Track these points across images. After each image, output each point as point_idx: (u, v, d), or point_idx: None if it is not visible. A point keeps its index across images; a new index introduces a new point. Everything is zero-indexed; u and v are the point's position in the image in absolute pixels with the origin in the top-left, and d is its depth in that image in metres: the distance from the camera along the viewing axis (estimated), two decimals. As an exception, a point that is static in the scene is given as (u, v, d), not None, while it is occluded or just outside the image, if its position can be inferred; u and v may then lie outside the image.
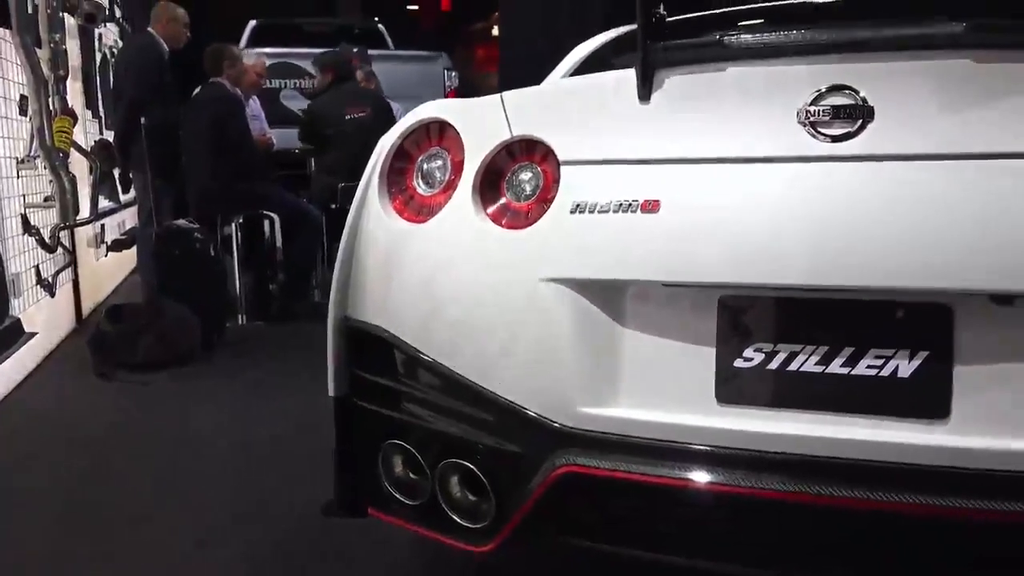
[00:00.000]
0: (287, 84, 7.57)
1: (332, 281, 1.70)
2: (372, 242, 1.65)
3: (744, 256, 1.31)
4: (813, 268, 1.28)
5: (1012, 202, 1.22)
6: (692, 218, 1.35)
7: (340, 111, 5.35)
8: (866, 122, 1.30)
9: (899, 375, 1.28)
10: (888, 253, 1.25)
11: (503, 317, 1.47)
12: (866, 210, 1.27)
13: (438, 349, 1.53)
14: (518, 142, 1.53)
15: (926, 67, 1.33)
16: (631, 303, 1.41)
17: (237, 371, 4.00)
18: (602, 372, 1.41)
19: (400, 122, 1.71)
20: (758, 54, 1.42)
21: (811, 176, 1.31)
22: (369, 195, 1.67)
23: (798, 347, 1.32)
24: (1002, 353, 1.25)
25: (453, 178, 1.58)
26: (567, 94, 1.68)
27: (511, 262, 1.47)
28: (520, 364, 1.45)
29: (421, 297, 1.56)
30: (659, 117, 1.44)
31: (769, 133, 1.35)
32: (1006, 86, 1.29)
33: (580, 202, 1.43)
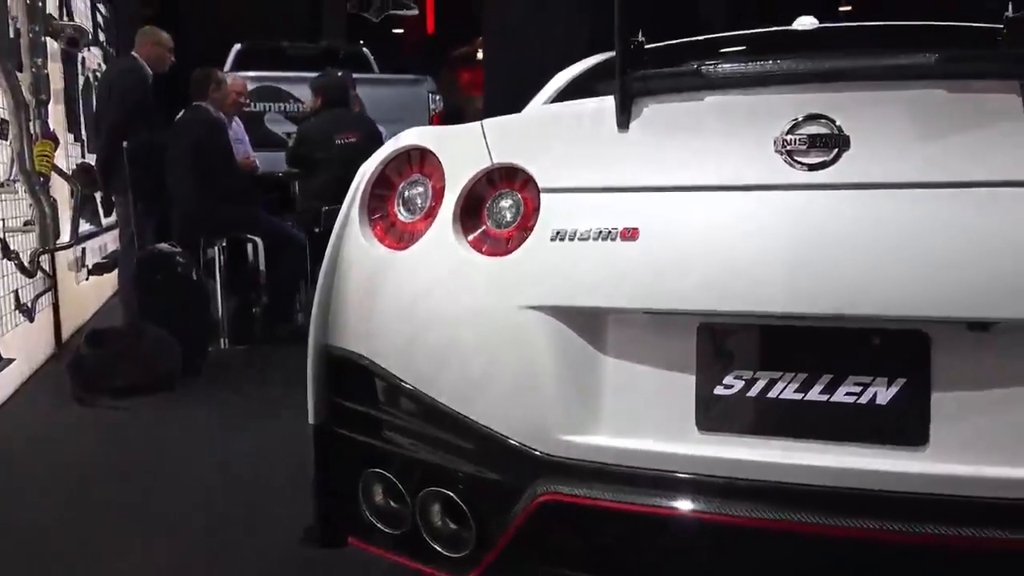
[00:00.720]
0: (271, 107, 7.57)
1: (312, 307, 1.70)
2: (353, 268, 1.64)
3: (723, 284, 1.32)
4: (791, 296, 1.28)
5: (986, 230, 1.24)
6: (671, 246, 1.36)
7: (331, 135, 5.36)
8: (842, 151, 1.31)
9: (877, 402, 1.28)
10: (865, 281, 1.26)
11: (484, 344, 1.46)
12: (843, 238, 1.28)
13: (419, 377, 1.52)
14: (498, 169, 1.54)
15: (900, 97, 1.35)
16: (611, 331, 1.41)
17: (218, 396, 3.97)
18: (583, 400, 1.41)
19: (381, 149, 1.72)
20: (735, 83, 1.43)
21: (788, 204, 1.32)
22: (350, 221, 1.66)
23: (777, 374, 1.33)
24: (979, 380, 1.26)
25: (434, 205, 1.58)
26: (547, 122, 1.69)
27: (492, 289, 1.47)
28: (501, 392, 1.45)
29: (402, 324, 1.56)
30: (638, 145, 1.45)
31: (747, 161, 1.36)
32: (979, 115, 1.31)
33: (560, 230, 1.43)
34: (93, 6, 6.51)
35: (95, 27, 6.45)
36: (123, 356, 3.95)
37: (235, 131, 5.56)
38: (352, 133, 5.35)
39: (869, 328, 1.30)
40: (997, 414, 1.25)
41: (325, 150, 5.32)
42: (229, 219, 4.91)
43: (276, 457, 3.02)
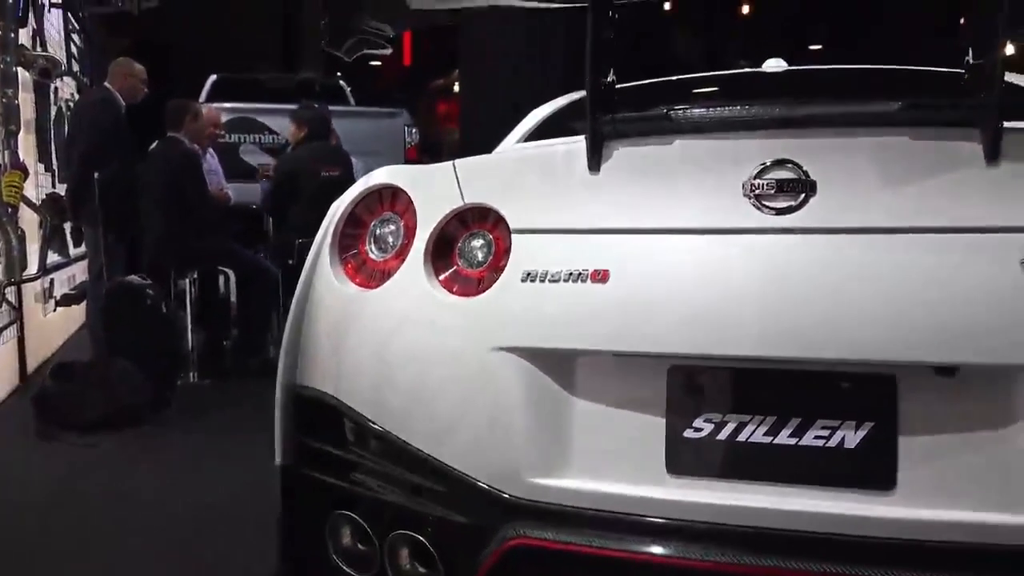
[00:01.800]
0: (246, 139, 7.56)
1: (281, 345, 1.68)
2: (323, 307, 1.63)
3: (693, 326, 1.32)
4: (760, 339, 1.29)
5: (950, 275, 1.26)
6: (641, 288, 1.36)
7: (314, 168, 5.34)
8: (809, 196, 1.33)
9: (846, 446, 1.29)
10: (832, 324, 1.27)
11: (454, 386, 1.45)
12: (810, 282, 1.29)
13: (388, 418, 1.51)
14: (470, 209, 1.54)
15: (865, 143, 1.37)
16: (581, 372, 1.41)
17: (186, 432, 3.90)
18: (553, 442, 1.40)
19: (353, 187, 1.72)
20: (705, 128, 1.45)
21: (757, 248, 1.33)
22: (321, 259, 1.66)
23: (747, 417, 1.33)
24: (945, 424, 1.27)
25: (405, 244, 1.58)
26: (519, 163, 1.70)
27: (462, 330, 1.46)
28: (471, 434, 1.44)
29: (371, 364, 1.54)
30: (609, 187, 1.46)
31: (716, 205, 1.37)
32: (941, 162, 1.34)
33: (531, 271, 1.43)
34: (67, 36, 6.48)
35: (68, 57, 6.42)
36: (89, 390, 3.88)
37: (209, 162, 5.53)
38: (334, 167, 5.34)
39: (837, 372, 1.30)
40: (964, 458, 1.26)
41: (308, 183, 5.30)
42: (201, 251, 4.87)
43: (244, 496, 2.96)
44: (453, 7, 1.77)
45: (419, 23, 3.58)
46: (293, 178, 5.36)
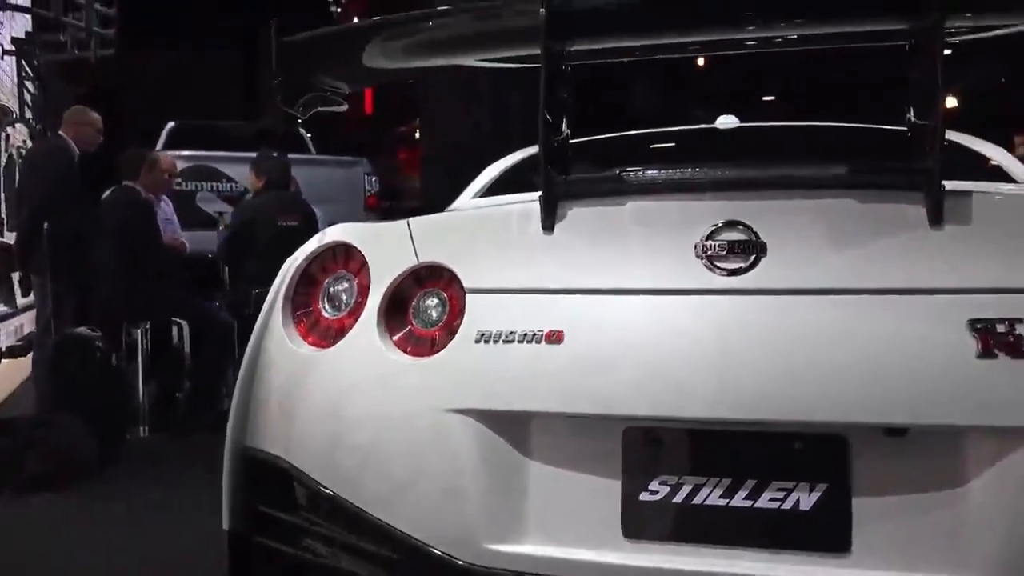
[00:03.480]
0: (203, 186, 7.50)
1: (231, 406, 1.64)
2: (274, 367, 1.60)
3: (647, 388, 1.32)
4: (714, 401, 1.29)
5: (897, 336, 1.27)
6: (596, 349, 1.36)
7: (273, 217, 5.29)
8: (759, 257, 1.35)
9: (800, 508, 1.28)
10: (783, 386, 1.27)
11: (407, 449, 1.43)
12: (762, 343, 1.30)
13: (340, 482, 1.47)
14: (424, 268, 1.53)
15: (813, 205, 1.40)
16: (537, 435, 1.39)
17: (134, 490, 3.77)
18: (508, 506, 1.38)
19: (306, 244, 1.70)
20: (657, 189, 1.47)
21: (710, 309, 1.34)
22: (272, 317, 1.63)
23: (702, 480, 1.32)
24: (898, 484, 1.28)
25: (359, 303, 1.56)
26: (473, 221, 1.70)
27: (416, 391, 1.44)
28: (424, 498, 1.41)
29: (323, 426, 1.51)
30: (562, 248, 1.46)
31: (669, 266, 1.38)
32: (887, 225, 1.37)
33: (485, 331, 1.42)
34: (20, 84, 6.41)
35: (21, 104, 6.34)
36: (31, 447, 3.74)
37: (164, 211, 5.46)
38: (294, 216, 5.30)
39: (791, 433, 1.31)
40: (917, 520, 1.26)
41: (264, 232, 5.24)
42: (154, 301, 4.78)
43: (192, 563, 2.86)
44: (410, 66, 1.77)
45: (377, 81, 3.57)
46: (250, 227, 5.30)
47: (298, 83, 1.79)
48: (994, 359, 1.24)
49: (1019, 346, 1.24)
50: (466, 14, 1.70)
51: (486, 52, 1.78)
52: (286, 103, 1.79)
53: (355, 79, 1.93)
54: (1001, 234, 1.35)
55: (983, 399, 1.23)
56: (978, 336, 1.25)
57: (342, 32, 1.76)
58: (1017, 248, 1.32)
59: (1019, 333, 1.24)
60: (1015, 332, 1.25)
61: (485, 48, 1.77)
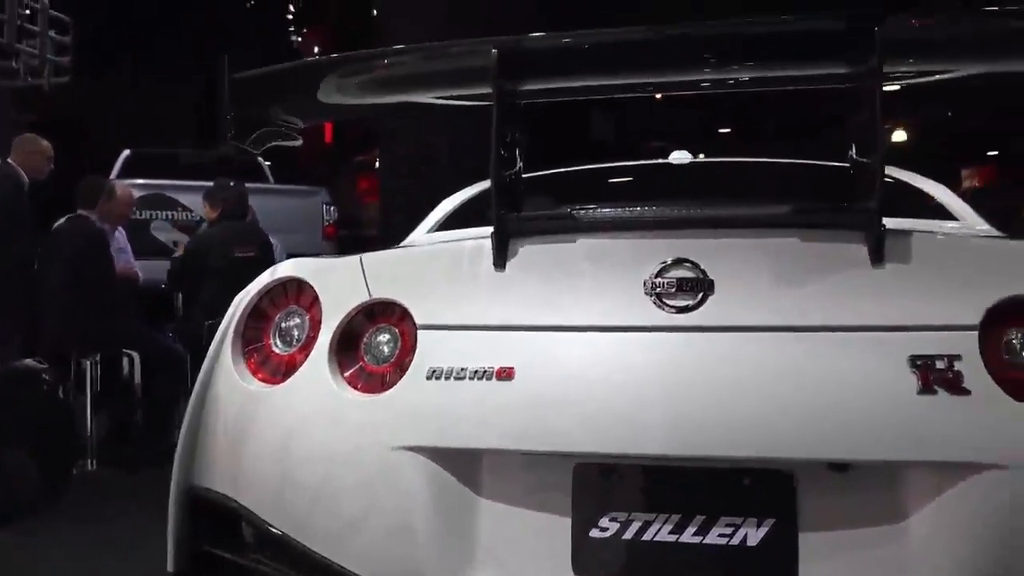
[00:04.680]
0: (159, 215, 7.39)
1: (177, 444, 1.61)
2: (222, 403, 1.58)
3: (597, 425, 1.33)
4: (662, 438, 1.30)
5: (841, 372, 1.30)
6: (546, 386, 1.36)
7: (229, 247, 5.22)
8: (707, 295, 1.37)
9: (748, 543, 1.30)
10: (731, 422, 1.29)
11: (357, 487, 1.42)
12: (710, 380, 1.31)
13: (289, 522, 1.45)
14: (376, 304, 1.53)
15: (760, 244, 1.43)
16: (487, 472, 1.39)
17: (81, 528, 3.66)
18: (458, 544, 1.37)
19: (258, 279, 1.69)
20: (607, 227, 1.49)
21: (658, 346, 1.35)
22: (222, 353, 1.61)
23: (652, 516, 1.33)
24: (842, 519, 1.30)
25: (310, 338, 1.55)
26: (426, 257, 1.70)
27: (366, 429, 1.43)
28: (374, 538, 1.39)
29: (272, 465, 1.49)
30: (514, 285, 1.47)
31: (619, 303, 1.40)
32: (830, 263, 1.40)
33: (436, 368, 1.42)
34: (-30, 110, 6.28)
35: (-31, 131, 6.21)
36: (-27, 483, 3.62)
37: (117, 240, 5.37)
38: (250, 246, 5.24)
39: (738, 469, 1.32)
40: (861, 554, 1.28)
41: (220, 263, 5.17)
42: (104, 333, 4.68)
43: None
44: (365, 103, 1.78)
45: (332, 117, 3.56)
46: (204, 257, 5.23)
47: (250, 118, 1.79)
48: (933, 395, 1.27)
49: (957, 383, 1.27)
50: (420, 53, 1.72)
51: (440, 90, 1.80)
52: (238, 138, 1.79)
53: (309, 115, 1.93)
54: (940, 272, 1.39)
55: (923, 435, 1.26)
56: (918, 373, 1.28)
57: (296, 68, 1.76)
58: (955, 286, 1.36)
59: (957, 370, 1.28)
60: (953, 369, 1.28)
61: (439, 86, 1.78)
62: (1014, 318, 1.32)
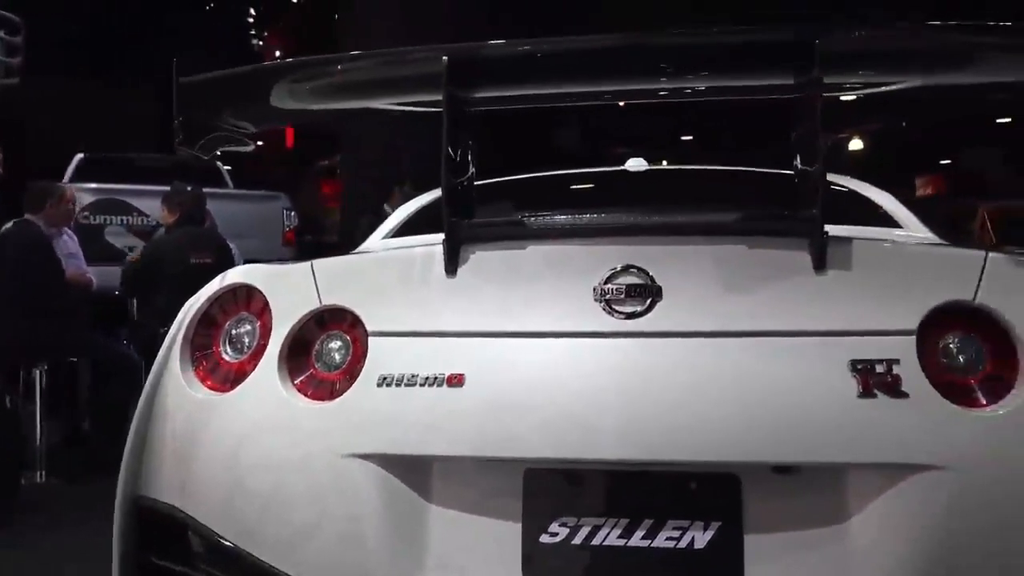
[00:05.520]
0: (113, 220, 7.26)
1: (123, 453, 1.59)
2: (170, 412, 1.56)
3: (546, 431, 1.33)
4: (611, 442, 1.31)
5: (785, 377, 1.32)
6: (496, 392, 1.37)
7: (185, 253, 5.14)
8: (655, 301, 1.38)
9: (695, 546, 1.31)
10: (678, 427, 1.31)
11: (307, 496, 1.41)
12: (657, 385, 1.33)
13: (238, 532, 1.44)
14: (327, 311, 1.52)
15: (707, 251, 1.45)
16: (438, 479, 1.39)
17: (28, 541, 3.57)
18: (409, 551, 1.37)
19: (207, 286, 1.67)
20: (557, 234, 1.50)
21: (607, 352, 1.37)
22: (170, 361, 1.59)
23: (601, 520, 1.34)
24: (786, 521, 1.32)
25: (260, 346, 1.54)
26: (377, 264, 1.70)
27: (316, 436, 1.42)
28: (324, 546, 1.39)
29: (220, 474, 1.47)
30: (465, 291, 1.48)
31: (569, 310, 1.41)
32: (774, 270, 1.42)
33: (387, 375, 1.42)
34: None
35: (-83, 133, 6.05)
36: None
37: (68, 245, 5.27)
38: (208, 254, 5.16)
39: (685, 472, 1.34)
40: (806, 555, 1.30)
41: (176, 268, 5.09)
42: (53, 340, 4.58)
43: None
44: (319, 108, 1.77)
45: (285, 122, 3.52)
46: (160, 263, 5.15)
47: (200, 123, 1.77)
48: (873, 399, 1.30)
49: (896, 386, 1.30)
50: (372, 58, 1.72)
51: (394, 96, 1.80)
52: (187, 142, 1.77)
53: (262, 120, 1.92)
54: (880, 278, 1.42)
55: (863, 437, 1.29)
56: (858, 377, 1.31)
57: (247, 73, 1.75)
58: (895, 292, 1.39)
59: (896, 374, 1.31)
60: (892, 373, 1.31)
61: (392, 92, 1.78)
62: (951, 323, 1.36)
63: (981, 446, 1.28)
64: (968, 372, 1.35)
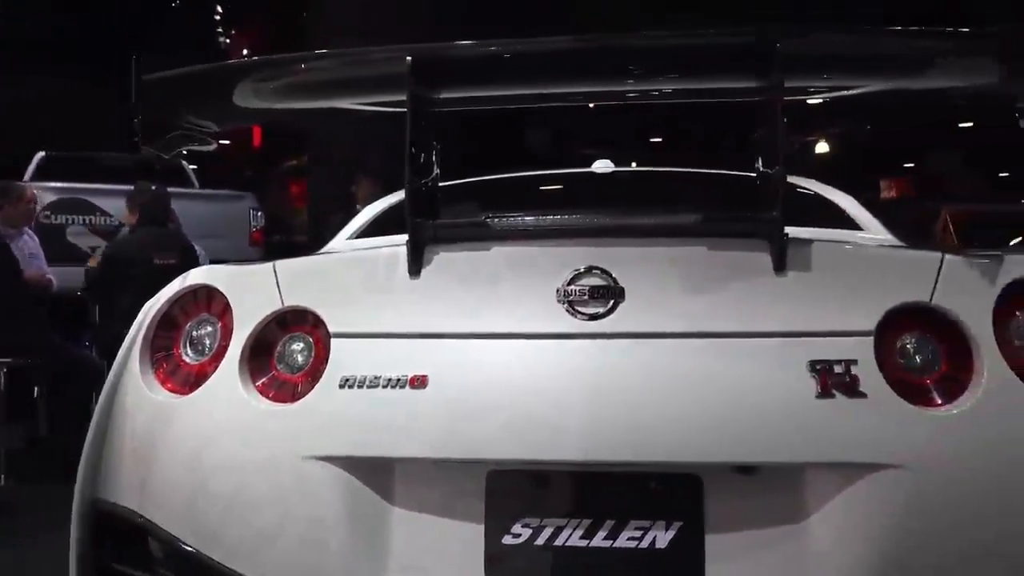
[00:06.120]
0: (75, 220, 7.14)
1: (81, 457, 1.56)
2: (129, 414, 1.54)
3: (509, 432, 1.33)
4: (574, 444, 1.31)
5: (745, 377, 1.33)
6: (458, 393, 1.37)
7: (149, 254, 5.06)
8: (618, 302, 1.39)
9: (657, 546, 1.32)
10: (641, 428, 1.31)
11: (269, 499, 1.39)
12: (620, 386, 1.34)
13: (199, 536, 1.42)
14: (289, 312, 1.51)
15: (668, 253, 1.46)
16: (400, 480, 1.39)
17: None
18: (371, 554, 1.36)
19: (168, 287, 1.65)
20: (521, 235, 1.50)
21: (571, 353, 1.37)
22: (130, 363, 1.57)
23: (563, 521, 1.34)
24: (747, 521, 1.33)
25: (221, 347, 1.52)
26: (340, 265, 1.68)
27: (277, 439, 1.41)
28: (286, 549, 1.37)
29: (181, 477, 1.46)
30: (428, 292, 1.47)
31: (532, 311, 1.41)
32: (736, 271, 1.43)
33: (350, 376, 1.41)
34: None
35: None
36: None
37: (28, 244, 5.17)
38: (172, 254, 5.09)
39: (648, 473, 1.35)
40: (765, 554, 1.32)
41: (137, 269, 5.01)
42: (9, 343, 4.49)
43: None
44: (283, 107, 1.75)
45: (249, 121, 3.46)
46: (122, 264, 5.07)
47: (161, 121, 1.75)
48: (832, 399, 1.31)
49: (854, 386, 1.32)
50: (336, 58, 1.71)
51: (358, 96, 1.79)
52: (147, 141, 1.74)
53: (225, 119, 1.90)
54: (839, 280, 1.44)
55: (822, 437, 1.30)
56: (817, 377, 1.32)
57: (209, 72, 1.72)
58: (854, 293, 1.41)
59: (854, 374, 1.33)
60: (851, 373, 1.33)
61: (357, 92, 1.77)
62: (908, 324, 1.38)
63: (936, 445, 1.30)
64: (924, 372, 1.37)
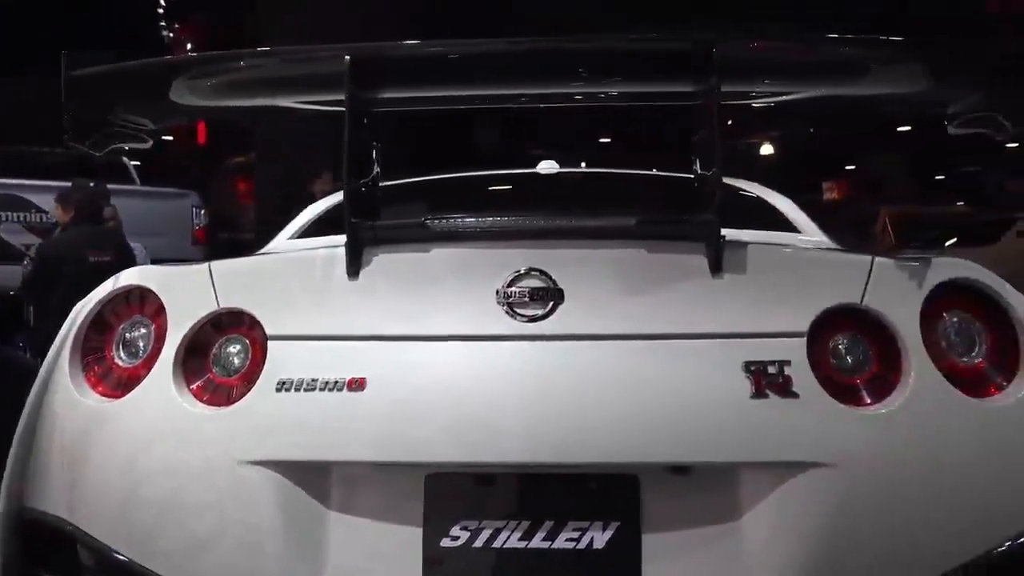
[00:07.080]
0: (8, 217, 6.93)
1: (7, 465, 1.51)
2: (58, 419, 1.50)
3: (449, 434, 1.33)
4: (513, 445, 1.32)
5: (682, 378, 1.35)
6: (397, 396, 1.36)
7: (81, 253, 4.93)
8: (557, 304, 1.40)
9: (595, 546, 1.33)
10: (578, 429, 1.32)
11: (203, 505, 1.37)
12: (558, 388, 1.34)
13: (131, 545, 1.39)
14: (225, 314, 1.48)
15: (607, 255, 1.47)
16: (337, 485, 1.37)
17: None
18: (308, 559, 1.35)
19: (99, 288, 1.61)
20: (460, 237, 1.49)
21: (510, 355, 1.37)
22: (59, 366, 1.53)
23: (502, 523, 1.35)
24: (683, 520, 1.35)
25: (155, 350, 1.49)
26: (278, 266, 1.66)
27: (212, 443, 1.39)
28: (222, 556, 1.35)
29: (112, 484, 1.42)
30: (367, 294, 1.46)
31: (471, 313, 1.40)
32: (673, 273, 1.45)
33: (286, 379, 1.39)
34: None
35: None
36: None
37: (-42, 243, 5.01)
38: (106, 251, 4.98)
39: (586, 474, 1.35)
40: (701, 554, 1.33)
41: (74, 268, 4.88)
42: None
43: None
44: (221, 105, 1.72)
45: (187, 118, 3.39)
46: (56, 263, 4.94)
47: (92, 118, 1.70)
48: (766, 399, 1.34)
49: (787, 387, 1.35)
50: (274, 56, 1.68)
51: (296, 95, 1.76)
52: (77, 138, 1.69)
53: (160, 116, 1.85)
54: (774, 282, 1.46)
55: (756, 437, 1.32)
56: (752, 378, 1.35)
57: (143, 68, 1.68)
58: (787, 295, 1.43)
59: (787, 375, 1.35)
60: (784, 374, 1.35)
61: (295, 90, 1.75)
62: (839, 325, 1.41)
63: (865, 444, 1.33)
64: (855, 372, 1.40)
